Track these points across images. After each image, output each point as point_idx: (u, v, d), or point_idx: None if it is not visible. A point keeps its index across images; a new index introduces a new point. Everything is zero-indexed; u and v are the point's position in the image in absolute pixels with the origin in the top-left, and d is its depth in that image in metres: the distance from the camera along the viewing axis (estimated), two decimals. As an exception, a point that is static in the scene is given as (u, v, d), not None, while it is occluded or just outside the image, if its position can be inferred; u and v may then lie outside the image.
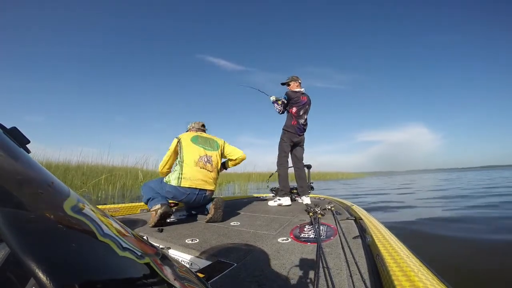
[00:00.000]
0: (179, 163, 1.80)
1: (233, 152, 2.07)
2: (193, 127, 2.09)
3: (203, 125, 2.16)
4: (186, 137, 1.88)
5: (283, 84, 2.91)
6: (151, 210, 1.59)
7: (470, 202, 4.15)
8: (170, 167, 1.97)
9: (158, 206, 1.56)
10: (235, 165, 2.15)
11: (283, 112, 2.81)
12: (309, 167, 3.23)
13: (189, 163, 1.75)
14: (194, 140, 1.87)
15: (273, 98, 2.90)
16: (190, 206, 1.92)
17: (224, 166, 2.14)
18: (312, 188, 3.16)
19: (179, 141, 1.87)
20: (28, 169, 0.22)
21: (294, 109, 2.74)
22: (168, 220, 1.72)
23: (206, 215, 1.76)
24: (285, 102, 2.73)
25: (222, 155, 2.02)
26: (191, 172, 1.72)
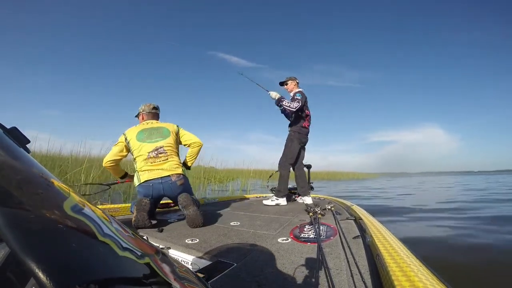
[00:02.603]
0: (134, 161, 1.77)
1: (188, 137, 1.93)
2: (143, 110, 1.96)
3: (154, 108, 1.99)
4: (132, 135, 1.78)
5: (281, 83, 2.80)
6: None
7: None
8: (116, 163, 1.85)
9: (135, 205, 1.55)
10: (193, 155, 2.00)
11: (293, 114, 2.66)
12: (309, 167, 3.22)
13: (141, 160, 1.72)
14: (140, 136, 1.77)
15: (275, 94, 2.61)
16: (175, 200, 1.80)
17: (185, 165, 2.01)
18: (312, 188, 3.16)
19: (126, 140, 1.78)
20: (28, 169, 0.22)
21: (307, 111, 2.68)
22: (169, 221, 1.72)
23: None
24: (302, 103, 2.54)
25: (178, 141, 1.91)
26: (146, 167, 1.69)
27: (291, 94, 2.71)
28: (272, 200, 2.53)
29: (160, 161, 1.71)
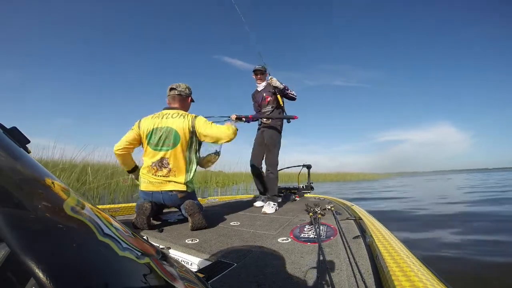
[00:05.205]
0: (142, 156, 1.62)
1: (210, 135, 1.58)
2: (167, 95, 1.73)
3: (170, 89, 1.69)
4: (144, 128, 1.58)
5: (259, 71, 2.42)
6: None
7: None
8: (127, 152, 1.64)
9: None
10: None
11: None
12: (309, 167, 3.23)
13: (145, 166, 1.59)
14: (149, 138, 1.57)
15: (278, 83, 2.28)
16: (177, 208, 1.71)
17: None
18: (312, 188, 3.17)
19: (140, 129, 1.59)
20: (28, 169, 0.22)
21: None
22: (169, 221, 1.72)
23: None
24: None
25: (195, 139, 1.61)
26: (147, 176, 1.56)
27: (265, 83, 2.43)
28: (272, 207, 2.19)
29: (162, 174, 1.55)
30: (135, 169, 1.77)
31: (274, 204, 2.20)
